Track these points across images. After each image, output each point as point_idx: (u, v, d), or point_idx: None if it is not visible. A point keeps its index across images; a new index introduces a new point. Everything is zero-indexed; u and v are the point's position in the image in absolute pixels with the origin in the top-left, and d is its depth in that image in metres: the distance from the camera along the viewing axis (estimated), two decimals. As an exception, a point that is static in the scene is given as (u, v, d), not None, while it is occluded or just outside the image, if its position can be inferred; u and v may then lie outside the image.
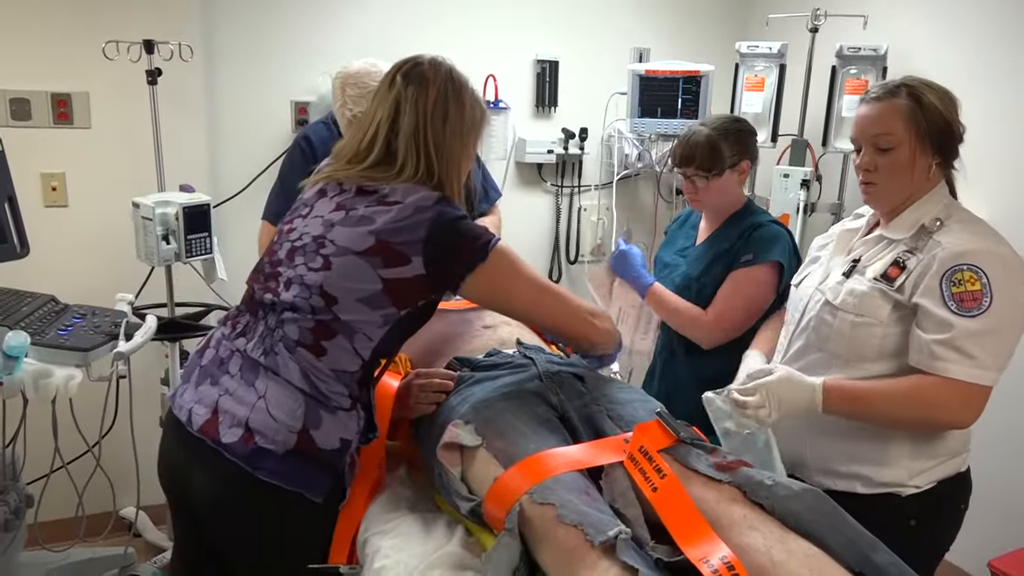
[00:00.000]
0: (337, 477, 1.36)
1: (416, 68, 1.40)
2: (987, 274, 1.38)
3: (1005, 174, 2.53)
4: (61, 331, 2.04)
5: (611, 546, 1.06)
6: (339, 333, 1.32)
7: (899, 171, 1.49)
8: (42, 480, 2.33)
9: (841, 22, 2.87)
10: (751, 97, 3.02)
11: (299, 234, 1.38)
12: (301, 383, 1.32)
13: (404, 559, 1.23)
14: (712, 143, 1.92)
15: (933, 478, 1.52)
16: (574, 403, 1.40)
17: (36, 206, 2.64)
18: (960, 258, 1.40)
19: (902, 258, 1.48)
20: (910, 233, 1.49)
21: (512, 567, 1.11)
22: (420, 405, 1.46)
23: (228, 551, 1.43)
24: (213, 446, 1.31)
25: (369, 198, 1.35)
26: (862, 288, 1.50)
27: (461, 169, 1.43)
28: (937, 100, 1.46)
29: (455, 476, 1.30)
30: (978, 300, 1.38)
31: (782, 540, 1.10)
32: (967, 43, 2.63)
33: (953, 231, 1.45)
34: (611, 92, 3.28)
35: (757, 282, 1.92)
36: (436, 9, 3.11)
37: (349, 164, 1.41)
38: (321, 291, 1.31)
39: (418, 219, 1.31)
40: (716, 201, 2.00)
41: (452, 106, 1.39)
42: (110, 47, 2.46)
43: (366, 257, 1.30)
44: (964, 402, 1.40)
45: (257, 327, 1.38)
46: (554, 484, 1.16)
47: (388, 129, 1.38)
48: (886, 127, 1.47)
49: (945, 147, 1.49)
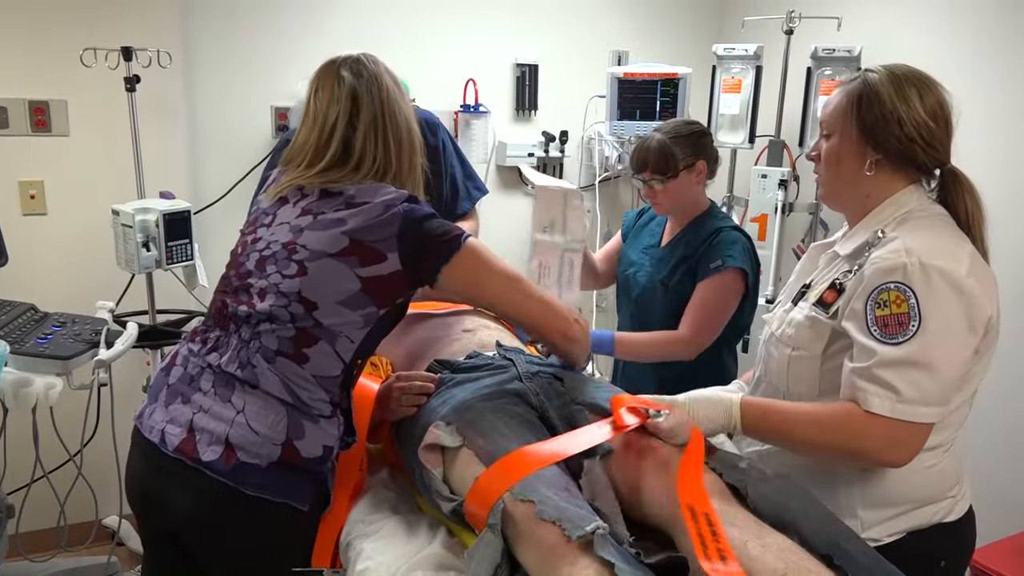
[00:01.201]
0: (321, 486, 1.36)
1: (357, 63, 1.41)
2: (916, 293, 1.19)
3: (977, 173, 2.56)
4: (41, 339, 2.03)
5: (590, 542, 1.07)
6: (321, 339, 1.32)
7: (830, 159, 1.36)
8: (23, 490, 2.32)
9: (815, 24, 2.91)
10: (728, 99, 3.05)
11: (266, 243, 1.37)
12: (282, 394, 1.31)
13: (387, 561, 1.23)
14: (663, 147, 1.99)
15: (897, 529, 1.33)
16: (554, 403, 1.41)
17: (15, 214, 2.63)
18: (888, 275, 1.22)
19: (840, 279, 1.31)
20: (854, 248, 1.34)
21: (494, 564, 1.11)
22: (401, 408, 1.46)
23: (213, 566, 1.41)
24: (193, 465, 1.28)
25: (336, 200, 1.35)
26: (799, 317, 1.36)
27: (415, 161, 1.45)
28: (889, 89, 1.29)
29: (437, 477, 1.30)
30: (904, 325, 1.19)
31: (758, 535, 1.12)
32: (939, 43, 2.67)
33: (890, 243, 1.26)
34: (590, 95, 3.30)
35: (728, 290, 1.98)
36: (415, 13, 3.12)
37: (308, 168, 1.40)
38: (300, 297, 1.31)
39: (389, 216, 1.32)
40: (675, 203, 2.06)
41: (399, 96, 1.43)
42: (88, 54, 2.46)
43: (342, 258, 1.31)
44: (892, 440, 1.22)
45: (230, 341, 1.36)
46: (535, 480, 1.17)
47: (346, 124, 1.38)
48: (827, 112, 1.38)
49: (889, 144, 1.30)
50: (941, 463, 1.33)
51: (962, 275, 1.21)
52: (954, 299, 1.21)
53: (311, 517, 1.37)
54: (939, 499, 1.34)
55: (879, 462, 1.28)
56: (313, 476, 1.34)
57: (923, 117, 1.29)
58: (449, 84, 3.21)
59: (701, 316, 1.97)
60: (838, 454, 1.28)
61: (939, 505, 1.34)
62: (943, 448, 1.33)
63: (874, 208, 1.34)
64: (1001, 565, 2.24)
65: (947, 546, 1.37)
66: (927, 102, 1.29)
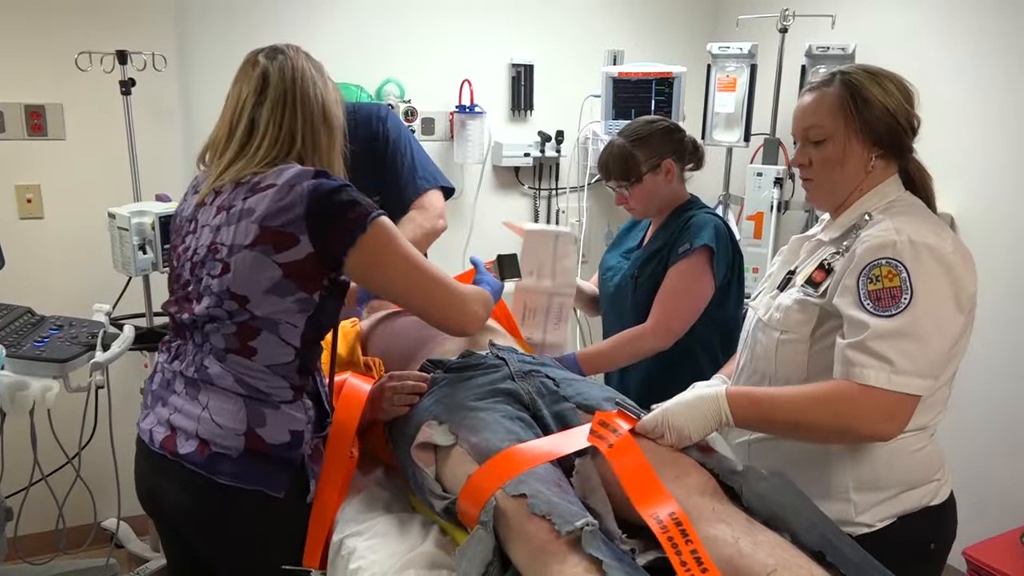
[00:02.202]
0: (296, 470, 1.38)
1: (274, 50, 1.43)
2: (907, 268, 1.23)
3: (971, 172, 2.58)
4: (37, 343, 2.03)
5: (579, 539, 1.07)
6: (262, 329, 1.34)
7: (831, 165, 1.37)
8: (22, 493, 2.32)
9: (810, 22, 2.92)
10: (723, 97, 3.06)
11: (193, 250, 1.39)
12: (237, 388, 1.35)
13: (379, 560, 1.24)
14: (623, 152, 1.96)
15: (888, 514, 1.36)
16: (546, 401, 1.42)
17: (11, 218, 2.64)
18: (879, 251, 1.26)
19: (829, 260, 1.35)
20: (842, 232, 1.38)
21: (485, 561, 1.12)
22: (394, 408, 1.47)
23: (213, 559, 1.46)
24: (173, 459, 1.36)
25: (243, 189, 1.35)
26: (787, 301, 1.38)
27: (333, 143, 1.44)
28: (877, 89, 1.33)
29: (429, 475, 1.31)
30: (896, 298, 1.23)
31: (749, 532, 1.13)
32: (934, 41, 2.68)
33: (879, 223, 1.30)
34: (586, 95, 3.31)
35: (695, 272, 1.91)
36: (410, 14, 3.13)
37: (220, 157, 1.40)
38: (230, 294, 1.33)
39: (294, 196, 1.30)
40: (647, 206, 2.02)
41: (318, 77, 1.43)
42: (83, 58, 2.46)
43: (256, 248, 1.30)
44: (884, 413, 1.23)
45: (187, 347, 1.42)
46: (527, 476, 1.18)
47: (255, 102, 1.39)
48: (815, 119, 1.37)
49: (886, 139, 1.35)
50: (927, 447, 1.37)
51: (948, 251, 1.26)
52: (942, 274, 1.25)
53: (291, 506, 1.38)
54: (926, 482, 1.37)
55: (868, 436, 1.29)
56: (285, 463, 1.36)
57: (904, 105, 1.36)
58: (445, 85, 3.21)
59: (668, 303, 1.91)
60: (828, 432, 1.29)
61: (926, 488, 1.37)
62: (928, 431, 1.37)
63: (859, 199, 1.39)
64: (999, 561, 2.24)
65: (935, 529, 1.41)
66: (900, 89, 1.36)
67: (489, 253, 2.72)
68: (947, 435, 1.47)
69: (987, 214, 2.55)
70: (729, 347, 2.01)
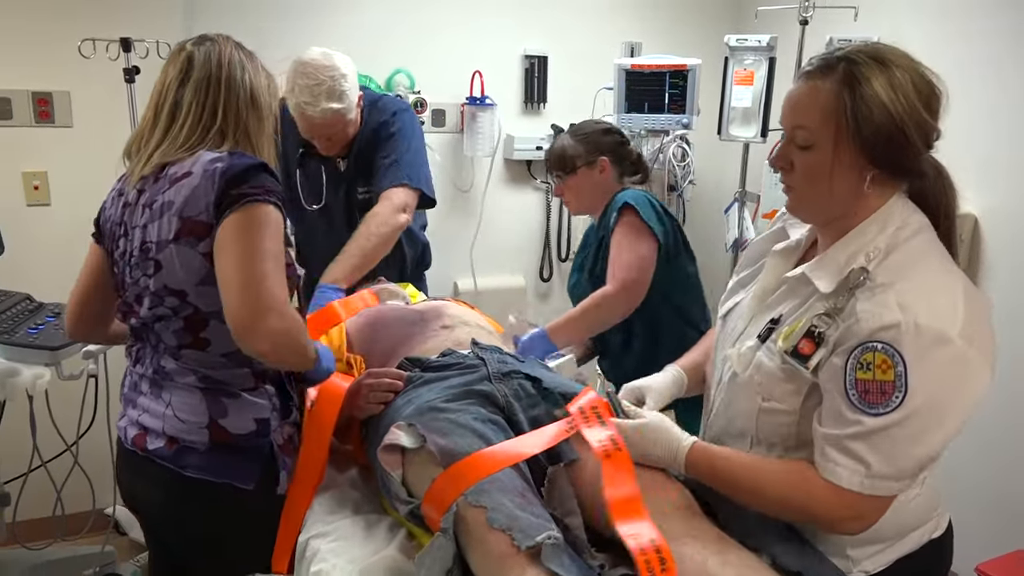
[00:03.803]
0: (266, 461, 1.37)
1: (203, 37, 1.42)
2: (906, 361, 1.02)
3: (997, 169, 2.47)
4: (31, 330, 2.04)
5: (540, 552, 1.03)
6: (209, 319, 1.33)
7: (815, 178, 1.12)
8: (20, 479, 2.33)
9: (831, 14, 2.81)
10: (740, 91, 2.96)
11: (128, 253, 1.38)
12: (195, 381, 1.35)
13: (340, 564, 1.21)
14: (564, 144, 2.07)
15: (889, 559, 1.22)
16: (523, 404, 1.38)
17: (19, 205, 2.65)
18: (876, 333, 1.04)
19: (817, 326, 1.10)
20: (836, 281, 1.12)
21: (445, 569, 1.09)
22: (369, 405, 1.45)
23: (185, 558, 1.46)
24: (144, 455, 1.37)
25: (162, 183, 1.33)
26: (769, 364, 1.17)
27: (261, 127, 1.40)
28: (885, 89, 1.06)
29: (395, 479, 1.27)
30: (887, 394, 1.03)
31: (719, 551, 1.08)
32: (961, 33, 2.57)
33: (879, 290, 1.07)
34: (600, 87, 3.24)
35: (629, 231, 1.95)
36: (421, 4, 3.09)
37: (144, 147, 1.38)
38: (168, 290, 1.32)
39: (207, 183, 1.28)
40: (581, 200, 2.11)
41: (247, 63, 1.41)
42: (86, 45, 2.45)
43: (180, 241, 1.29)
44: (852, 512, 1.09)
45: (145, 350, 1.42)
46: (489, 486, 1.14)
47: (178, 84, 1.37)
48: (802, 118, 1.11)
49: (885, 156, 1.08)
50: (924, 492, 1.22)
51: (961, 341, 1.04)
52: (949, 373, 1.05)
53: (263, 499, 1.37)
54: (926, 522, 1.25)
55: (831, 529, 1.15)
56: (253, 453, 1.35)
57: (916, 108, 1.07)
58: (456, 76, 3.17)
59: (616, 262, 1.94)
60: (790, 514, 1.16)
61: (926, 527, 1.26)
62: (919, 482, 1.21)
63: (856, 226, 1.14)
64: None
65: (936, 561, 1.31)
66: (917, 85, 1.08)
67: (493, 249, 2.69)
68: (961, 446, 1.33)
69: (1014, 214, 2.44)
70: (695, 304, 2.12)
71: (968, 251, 2.53)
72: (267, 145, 1.42)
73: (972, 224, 2.51)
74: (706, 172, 3.47)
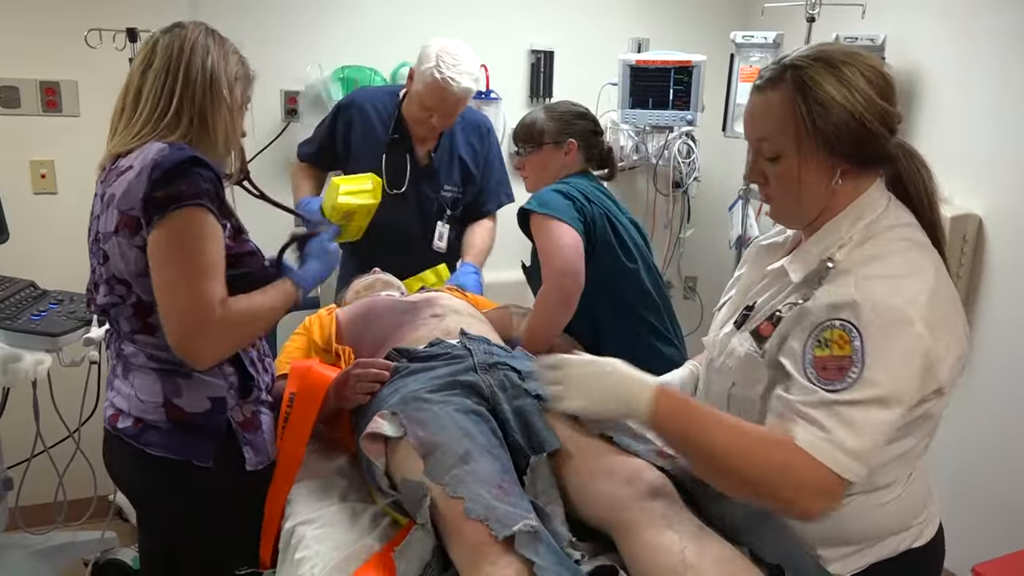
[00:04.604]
0: (223, 439, 1.39)
1: (175, 24, 1.43)
2: (862, 335, 1.02)
3: (1006, 172, 2.44)
4: (34, 316, 2.06)
5: (514, 540, 1.03)
6: (154, 307, 1.33)
7: (788, 185, 1.13)
8: (23, 464, 2.36)
9: (838, 11, 2.79)
10: (746, 88, 2.94)
11: (92, 241, 1.42)
12: (149, 363, 1.38)
13: (323, 551, 1.22)
14: (534, 119, 2.02)
15: (860, 564, 1.18)
16: (508, 395, 1.38)
17: (26, 193, 2.67)
18: (833, 310, 1.05)
19: (780, 310, 1.13)
20: (808, 271, 1.13)
21: (424, 562, 1.10)
22: (357, 396, 1.46)
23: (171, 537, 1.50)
24: (115, 433, 1.42)
25: (114, 174, 1.35)
26: (740, 352, 1.18)
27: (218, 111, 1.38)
28: (836, 88, 1.07)
29: (379, 468, 1.28)
30: (844, 370, 1.02)
31: (697, 540, 1.07)
32: (969, 32, 2.54)
33: (839, 275, 1.08)
34: (605, 83, 3.23)
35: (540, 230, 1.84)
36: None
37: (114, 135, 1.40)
38: (115, 280, 1.35)
39: (141, 177, 1.28)
40: (539, 177, 2.03)
41: (215, 49, 1.39)
42: (92, 35, 2.47)
43: (118, 234, 1.31)
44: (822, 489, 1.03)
45: (112, 336, 1.47)
46: (467, 476, 1.15)
47: (141, 72, 1.38)
48: (765, 130, 1.12)
49: (851, 151, 1.10)
50: (900, 497, 1.18)
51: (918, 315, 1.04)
52: (907, 354, 1.03)
53: (221, 476, 1.39)
54: (903, 529, 1.21)
55: (788, 504, 1.06)
56: (210, 432, 1.38)
57: (876, 101, 1.09)
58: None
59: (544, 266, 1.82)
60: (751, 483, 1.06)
61: (905, 534, 1.21)
62: (900, 483, 1.18)
63: (831, 219, 1.15)
64: (1011, 581, 2.14)
65: (919, 571, 1.26)
66: (871, 80, 1.09)
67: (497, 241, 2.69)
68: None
69: (1017, 213, 2.42)
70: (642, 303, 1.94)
71: (972, 251, 2.50)
72: (224, 133, 1.40)
73: (977, 224, 2.48)
74: (711, 169, 3.46)
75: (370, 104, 2.45)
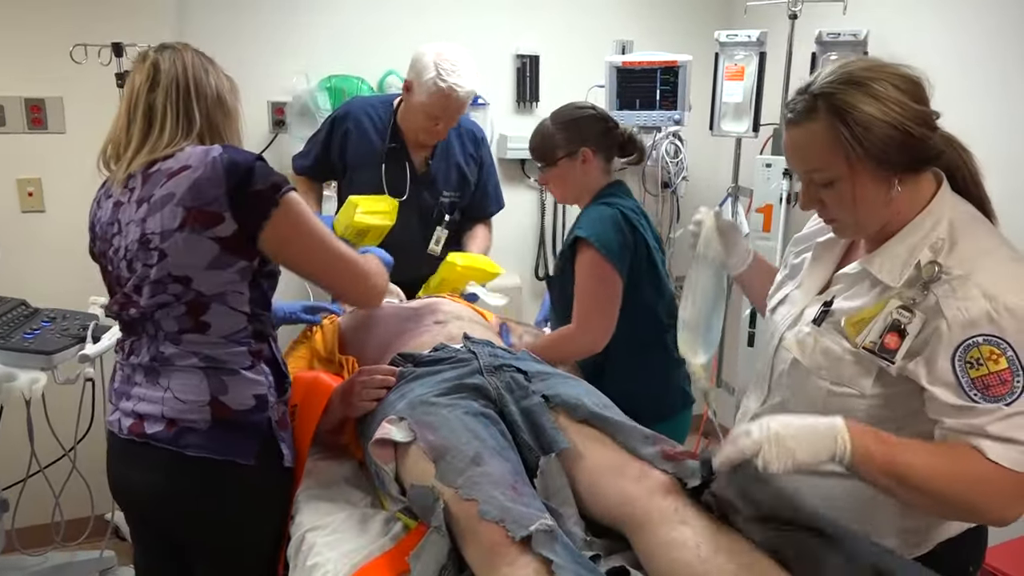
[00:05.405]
0: (264, 436, 1.39)
1: (164, 45, 1.47)
2: (1011, 344, 1.04)
3: (995, 170, 2.45)
4: (27, 335, 2.04)
5: (531, 539, 1.03)
6: (211, 302, 1.36)
7: (847, 205, 1.15)
8: (19, 485, 2.33)
9: (820, 8, 2.82)
10: (731, 86, 2.97)
11: (124, 249, 1.41)
12: (195, 362, 1.37)
13: (335, 557, 1.22)
14: (545, 134, 1.94)
15: (933, 541, 1.22)
16: (515, 396, 1.38)
17: (13, 212, 2.64)
18: (972, 327, 1.05)
19: (900, 319, 1.12)
20: (903, 277, 1.14)
21: (440, 564, 1.10)
22: (363, 402, 1.46)
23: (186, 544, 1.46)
24: (141, 441, 1.38)
25: (157, 178, 1.37)
26: (837, 351, 1.19)
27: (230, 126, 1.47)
28: (872, 105, 1.09)
29: (388, 473, 1.28)
30: (1007, 383, 1.03)
31: (713, 536, 1.08)
32: (950, 27, 2.58)
33: (957, 282, 1.08)
34: (592, 85, 3.25)
35: (590, 266, 1.80)
36: (413, 4, 3.09)
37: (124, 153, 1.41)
38: (172, 277, 1.35)
39: (212, 174, 1.32)
40: (565, 191, 1.99)
41: (209, 67, 1.46)
42: (78, 50, 2.45)
43: (187, 228, 1.32)
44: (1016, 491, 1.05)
45: (141, 341, 1.43)
46: (480, 478, 1.14)
47: (148, 89, 1.41)
48: (813, 161, 1.15)
49: (902, 158, 1.12)
50: None
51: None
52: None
53: (263, 475, 1.39)
54: None
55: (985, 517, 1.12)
56: (252, 429, 1.38)
57: (912, 106, 1.11)
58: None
59: (579, 302, 1.81)
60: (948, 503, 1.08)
61: None
62: None
63: (907, 223, 1.17)
64: (1013, 567, 2.15)
65: (974, 550, 1.30)
66: (902, 87, 1.11)
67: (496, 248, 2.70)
68: None
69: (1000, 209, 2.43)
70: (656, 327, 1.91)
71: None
72: (236, 141, 1.48)
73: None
74: (699, 168, 3.48)
75: (365, 114, 2.44)
